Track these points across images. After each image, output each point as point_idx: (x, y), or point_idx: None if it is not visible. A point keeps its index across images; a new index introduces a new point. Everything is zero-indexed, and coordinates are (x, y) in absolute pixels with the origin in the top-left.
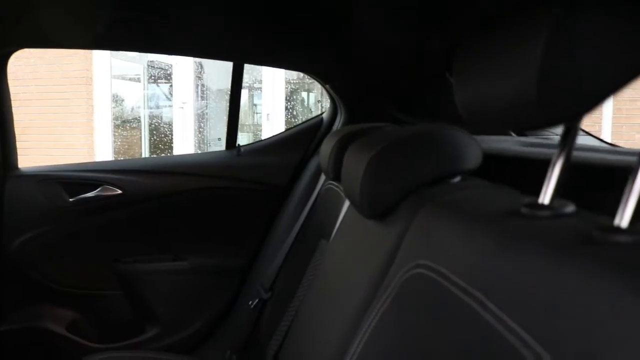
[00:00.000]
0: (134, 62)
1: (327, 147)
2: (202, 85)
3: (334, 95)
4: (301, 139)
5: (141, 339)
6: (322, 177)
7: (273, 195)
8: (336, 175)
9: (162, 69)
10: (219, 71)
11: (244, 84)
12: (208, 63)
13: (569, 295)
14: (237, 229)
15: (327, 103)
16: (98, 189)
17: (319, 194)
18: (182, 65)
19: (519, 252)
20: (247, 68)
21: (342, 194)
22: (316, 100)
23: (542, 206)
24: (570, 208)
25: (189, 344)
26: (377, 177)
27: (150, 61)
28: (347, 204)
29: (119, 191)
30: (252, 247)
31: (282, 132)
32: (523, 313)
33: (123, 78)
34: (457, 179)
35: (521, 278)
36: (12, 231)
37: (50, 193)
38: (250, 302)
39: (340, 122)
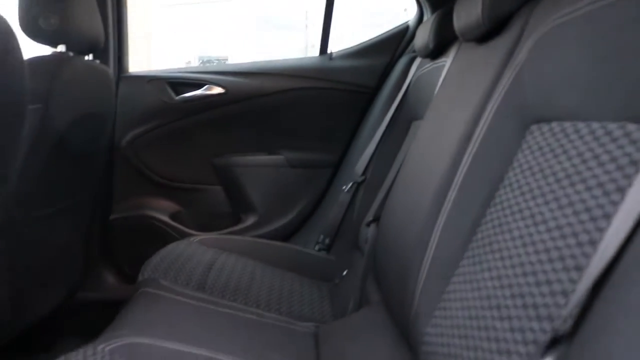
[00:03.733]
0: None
1: (425, 26)
2: None
3: (421, 0)
4: (389, 43)
5: (238, 228)
6: (411, 73)
7: (363, 95)
8: (437, 44)
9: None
10: None
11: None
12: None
13: None
14: (329, 126)
15: None
16: (202, 88)
17: (409, 86)
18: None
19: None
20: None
21: (444, 63)
22: None
23: None
24: None
25: (284, 233)
26: None
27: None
28: (445, 72)
29: (222, 90)
30: (344, 142)
31: (370, 39)
32: None
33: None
34: None
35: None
36: (124, 127)
37: (159, 92)
38: (343, 187)
39: None
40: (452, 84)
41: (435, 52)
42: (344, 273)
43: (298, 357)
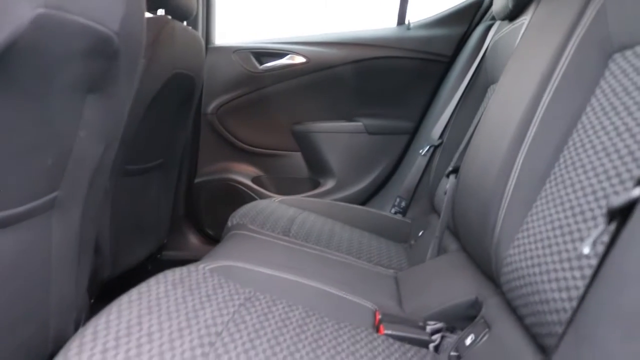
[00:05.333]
0: None
1: None
2: None
3: None
4: (465, 12)
5: (317, 192)
6: (488, 40)
7: (440, 63)
8: (517, 3)
9: None
10: None
11: None
12: None
13: None
14: (407, 94)
15: None
16: (285, 58)
17: (485, 52)
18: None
19: None
20: None
21: (523, 22)
22: None
23: None
24: None
25: (361, 197)
26: None
27: None
28: (523, 29)
29: (304, 59)
30: (421, 110)
31: (447, 9)
32: None
33: None
34: None
35: None
36: (210, 95)
37: (243, 62)
38: (420, 151)
39: None
40: (532, 36)
41: (515, 11)
42: (420, 234)
43: (381, 290)
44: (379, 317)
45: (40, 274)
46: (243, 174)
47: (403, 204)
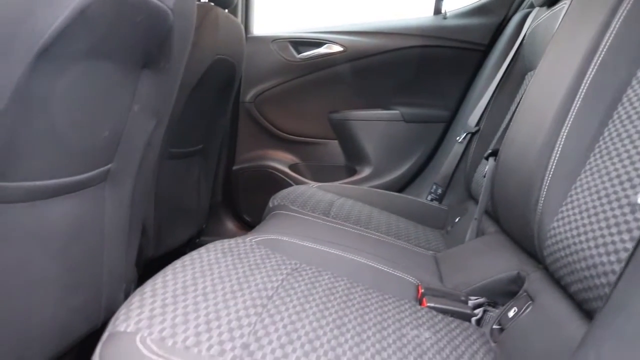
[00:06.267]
0: None
1: None
2: None
3: None
4: (502, 1)
5: (353, 179)
6: (525, 28)
7: (476, 52)
8: None
9: None
10: None
11: None
12: None
13: None
14: (443, 83)
15: None
16: (323, 47)
17: (523, 39)
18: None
19: None
20: None
21: (563, 6)
22: None
23: None
24: None
25: (397, 185)
26: None
27: None
28: (564, 13)
29: (342, 48)
30: (457, 98)
31: None
32: None
33: None
34: None
35: None
36: (248, 84)
37: (281, 51)
38: (457, 138)
39: None
40: (574, 18)
41: None
42: (457, 220)
43: (422, 267)
44: (421, 290)
45: (94, 243)
46: (280, 161)
47: (439, 191)
